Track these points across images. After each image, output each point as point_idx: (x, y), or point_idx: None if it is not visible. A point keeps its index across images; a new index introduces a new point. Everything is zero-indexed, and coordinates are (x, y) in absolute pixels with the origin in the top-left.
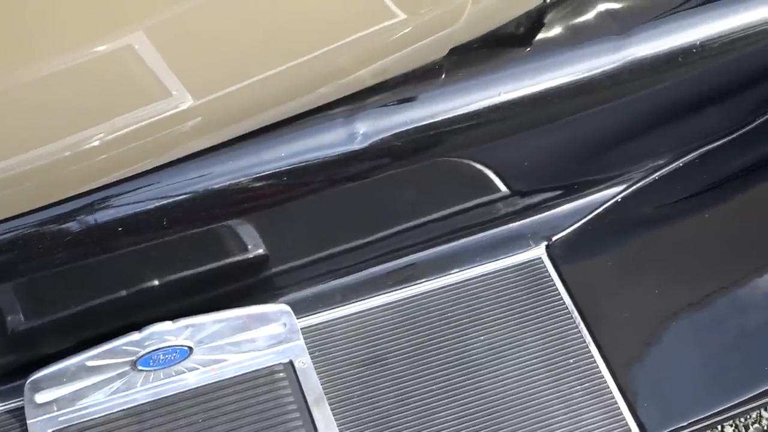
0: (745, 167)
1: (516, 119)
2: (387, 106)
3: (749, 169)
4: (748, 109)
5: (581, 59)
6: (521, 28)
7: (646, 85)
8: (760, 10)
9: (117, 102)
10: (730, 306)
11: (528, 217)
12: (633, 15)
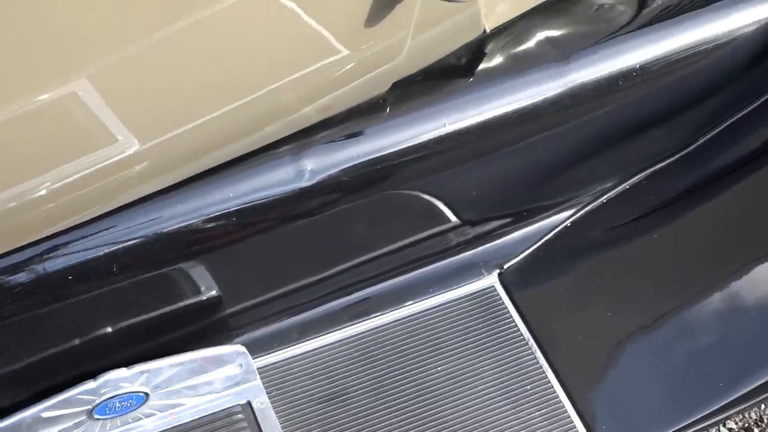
0: (690, 187)
1: (462, 149)
2: (333, 141)
3: (694, 189)
4: (691, 129)
5: (523, 87)
6: (462, 59)
7: (589, 109)
8: (697, 32)
9: (63, 150)
10: (683, 325)
11: (480, 246)
12: (572, 41)
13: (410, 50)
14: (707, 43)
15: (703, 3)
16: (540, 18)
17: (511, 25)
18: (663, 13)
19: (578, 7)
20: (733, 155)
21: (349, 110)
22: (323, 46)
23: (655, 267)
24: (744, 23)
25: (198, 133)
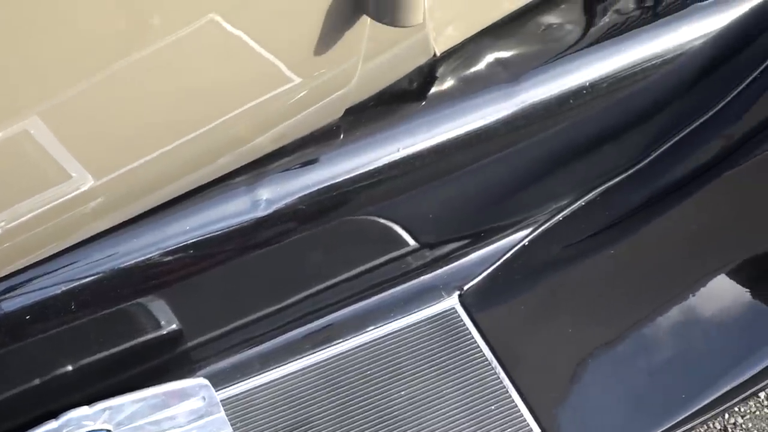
0: (645, 201)
1: (417, 173)
2: (288, 170)
3: (648, 203)
4: (643, 144)
5: (475, 109)
6: (414, 84)
7: (541, 128)
8: (645, 47)
9: (16, 189)
10: (643, 338)
11: (438, 269)
12: (522, 62)
13: (361, 76)
14: (655, 58)
15: (649, 19)
16: (489, 40)
17: (461, 48)
18: (610, 30)
19: (526, 28)
20: (685, 168)
21: (303, 138)
22: (274, 75)
23: (614, 282)
24: (691, 37)
25: (152, 167)
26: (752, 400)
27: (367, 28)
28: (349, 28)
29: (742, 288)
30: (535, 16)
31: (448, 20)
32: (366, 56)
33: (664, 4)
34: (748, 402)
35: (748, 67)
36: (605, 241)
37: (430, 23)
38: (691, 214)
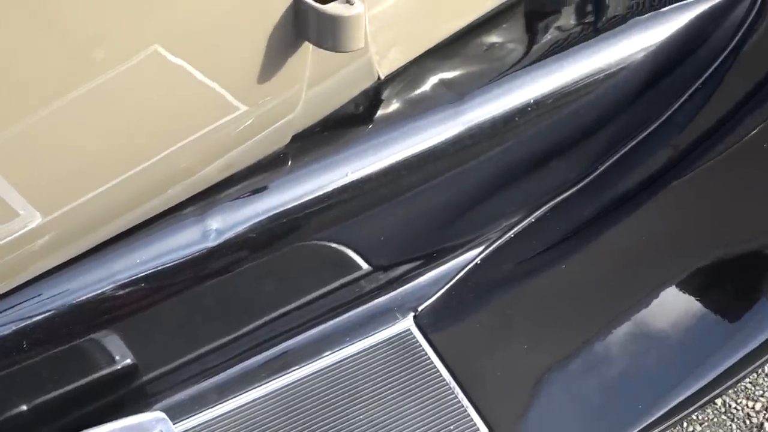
0: (594, 215)
1: (367, 196)
2: (238, 199)
3: (598, 216)
4: (590, 158)
5: (422, 130)
6: (360, 107)
7: (489, 147)
8: (587, 62)
9: None
10: (599, 351)
11: (392, 291)
12: (466, 82)
13: (306, 102)
14: (598, 72)
15: (591, 34)
16: (433, 61)
17: (405, 70)
18: (553, 47)
19: (469, 48)
20: (633, 180)
21: (251, 167)
22: (219, 104)
23: (567, 296)
24: (632, 51)
25: (100, 201)
26: (709, 407)
27: (310, 55)
28: (291, 55)
29: (693, 296)
30: (478, 36)
31: (391, 43)
32: (310, 82)
33: (605, 20)
34: (706, 409)
35: (690, 78)
36: (557, 256)
37: (372, 47)
38: (641, 225)
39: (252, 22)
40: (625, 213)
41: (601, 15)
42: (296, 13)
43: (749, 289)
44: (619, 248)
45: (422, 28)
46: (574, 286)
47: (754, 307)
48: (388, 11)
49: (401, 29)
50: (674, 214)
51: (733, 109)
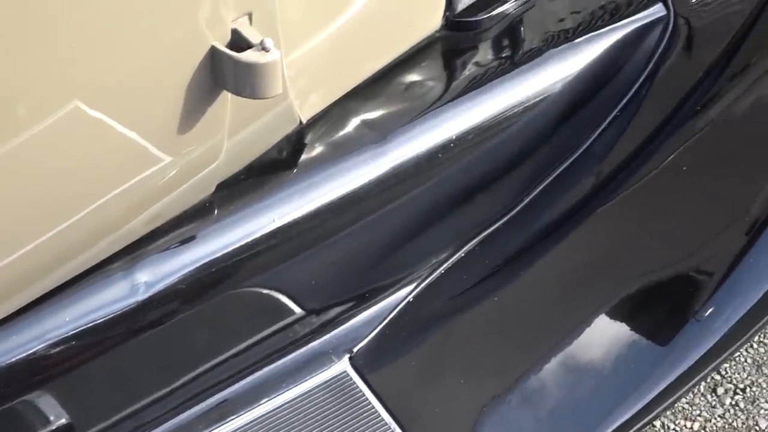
0: (522, 246)
1: (295, 241)
2: (166, 250)
3: (526, 248)
4: (515, 191)
5: (346, 172)
6: (283, 153)
7: (414, 185)
8: (506, 96)
9: None
10: (534, 383)
11: (327, 333)
12: (388, 122)
13: (229, 150)
14: (518, 105)
15: (508, 68)
16: (354, 103)
17: (327, 113)
18: (472, 82)
19: (390, 88)
20: (558, 210)
21: (178, 217)
22: (142, 157)
23: (500, 330)
24: (550, 82)
25: (25, 260)
26: (649, 430)
27: (229, 102)
28: (210, 105)
29: (623, 322)
30: (398, 75)
31: (311, 87)
32: (231, 130)
33: (521, 53)
34: None
35: (607, 106)
36: (488, 290)
37: (292, 92)
38: (568, 254)
39: (169, 73)
40: (552, 243)
41: (518, 49)
42: (213, 63)
43: (677, 311)
44: (548, 278)
45: (341, 71)
46: (506, 318)
47: (683, 329)
48: (306, 56)
49: (320, 73)
50: (600, 241)
51: (652, 135)
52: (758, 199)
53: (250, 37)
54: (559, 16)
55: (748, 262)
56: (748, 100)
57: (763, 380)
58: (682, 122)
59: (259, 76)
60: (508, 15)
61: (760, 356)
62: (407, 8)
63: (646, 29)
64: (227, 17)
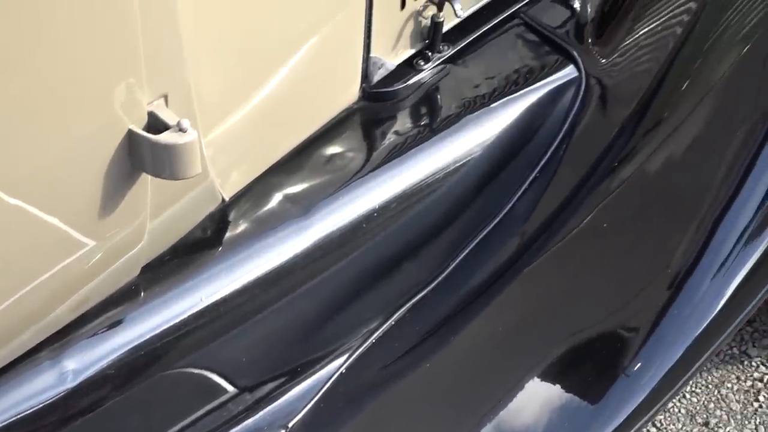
0: (452, 310)
1: (224, 319)
2: (93, 336)
3: (455, 312)
4: (441, 255)
5: (271, 247)
6: (208, 231)
7: (340, 256)
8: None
9: None
10: None
11: (261, 410)
12: (311, 195)
13: (152, 232)
14: (438, 171)
15: (427, 136)
16: (276, 178)
17: (249, 190)
18: (392, 151)
19: (310, 162)
20: (485, 272)
21: (104, 302)
22: (64, 242)
23: (433, 396)
24: (469, 147)
25: None
26: None
27: (149, 185)
28: (131, 188)
29: (554, 383)
30: (318, 148)
31: (232, 165)
32: (153, 212)
33: (439, 120)
34: None
35: (527, 168)
36: (419, 357)
37: (213, 171)
38: (497, 317)
39: (87, 159)
40: (480, 307)
41: (436, 116)
42: (131, 146)
43: (606, 368)
44: (478, 343)
45: (262, 147)
46: (439, 385)
47: (613, 385)
48: (225, 134)
49: (240, 150)
50: (527, 302)
51: (571, 194)
52: (677, 253)
53: (167, 118)
54: (474, 83)
55: (671, 316)
56: (662, 155)
57: (697, 430)
58: (599, 180)
59: (178, 157)
60: (424, 83)
61: (693, 406)
62: (323, 82)
63: (559, 91)
64: (143, 100)
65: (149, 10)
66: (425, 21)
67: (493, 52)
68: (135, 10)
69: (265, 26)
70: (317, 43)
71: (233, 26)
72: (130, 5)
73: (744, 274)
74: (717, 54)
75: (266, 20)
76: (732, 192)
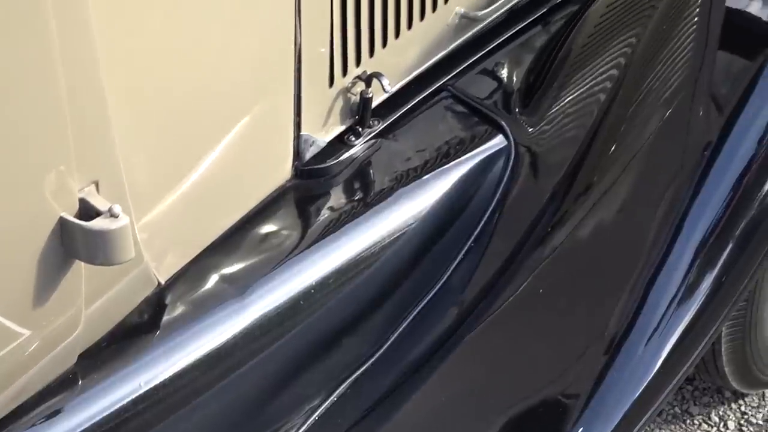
0: (394, 383)
1: (163, 403)
2: (31, 427)
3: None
4: (381, 329)
5: (209, 329)
6: (145, 316)
7: (279, 334)
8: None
9: None
10: None
11: None
12: (248, 274)
13: (88, 318)
14: (374, 246)
15: (361, 210)
16: (212, 259)
17: (185, 272)
18: (327, 228)
19: (246, 241)
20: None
21: (41, 392)
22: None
23: None
24: (403, 220)
25: None
26: None
27: (83, 271)
28: (65, 275)
29: None
30: (253, 227)
31: (167, 248)
32: (89, 298)
33: (373, 194)
34: None
35: (462, 238)
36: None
37: (147, 254)
38: (440, 387)
39: (19, 247)
40: (422, 378)
41: (369, 191)
42: (63, 233)
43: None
44: (421, 414)
45: (196, 229)
46: None
47: None
48: (159, 217)
49: (175, 233)
50: (468, 371)
51: (506, 262)
52: (612, 317)
53: (98, 204)
54: (406, 156)
55: (610, 380)
56: (593, 221)
57: None
58: (533, 247)
59: (111, 243)
60: (356, 159)
61: None
62: (255, 161)
63: (489, 161)
64: (74, 187)
65: (78, 98)
66: (354, 97)
67: (423, 125)
68: (63, 97)
69: (195, 108)
70: (247, 123)
71: (162, 110)
72: (58, 93)
73: (678, 334)
74: (641, 118)
75: (195, 103)
76: (662, 254)
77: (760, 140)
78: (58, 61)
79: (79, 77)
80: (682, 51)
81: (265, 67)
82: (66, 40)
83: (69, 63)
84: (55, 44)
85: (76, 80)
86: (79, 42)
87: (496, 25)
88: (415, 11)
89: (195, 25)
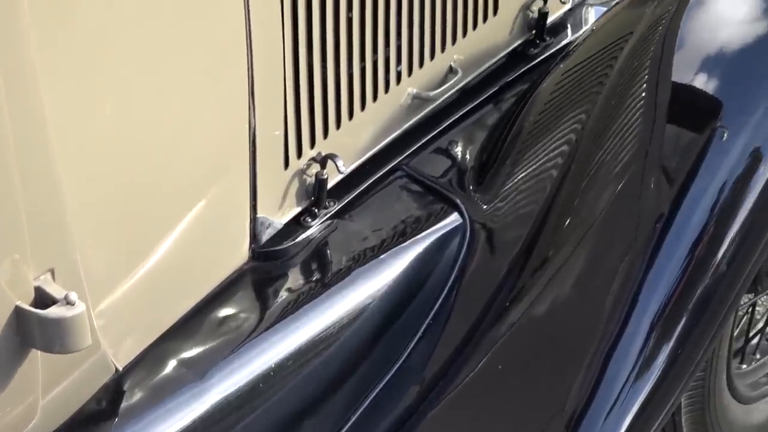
0: None
1: None
2: None
3: None
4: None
5: (168, 414)
6: (103, 403)
7: (239, 418)
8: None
9: None
10: None
11: None
12: (206, 358)
13: (45, 408)
14: (332, 326)
15: (319, 291)
16: (169, 344)
17: (143, 358)
18: (286, 309)
19: (203, 325)
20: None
21: None
22: None
23: None
24: (361, 299)
25: None
26: None
27: (40, 360)
28: (21, 365)
29: None
30: (211, 311)
31: (124, 334)
32: (45, 387)
33: (330, 275)
34: None
35: (420, 315)
36: None
37: (104, 341)
38: None
39: None
40: None
41: (326, 271)
42: (18, 322)
43: None
44: None
45: (153, 314)
46: None
47: None
48: (115, 303)
49: (132, 318)
50: None
51: (465, 339)
52: (571, 393)
53: (54, 292)
54: (362, 235)
55: None
56: (549, 296)
57: None
58: (491, 324)
59: (67, 331)
60: (312, 240)
61: None
62: (212, 245)
63: (446, 238)
64: (29, 276)
65: (31, 186)
66: (310, 179)
67: (378, 205)
68: (16, 185)
69: (150, 193)
70: (203, 207)
71: (117, 195)
72: (11, 181)
73: (637, 407)
74: (593, 193)
75: (150, 187)
76: (619, 328)
77: (711, 210)
78: (11, 149)
79: (32, 165)
80: (632, 125)
81: (220, 150)
82: (18, 128)
83: (21, 150)
84: (8, 133)
85: (30, 168)
86: (32, 129)
87: (449, 105)
88: (368, 92)
89: (148, 112)
